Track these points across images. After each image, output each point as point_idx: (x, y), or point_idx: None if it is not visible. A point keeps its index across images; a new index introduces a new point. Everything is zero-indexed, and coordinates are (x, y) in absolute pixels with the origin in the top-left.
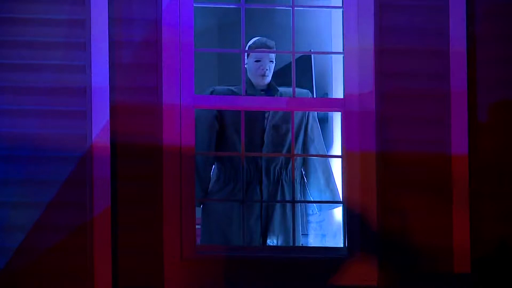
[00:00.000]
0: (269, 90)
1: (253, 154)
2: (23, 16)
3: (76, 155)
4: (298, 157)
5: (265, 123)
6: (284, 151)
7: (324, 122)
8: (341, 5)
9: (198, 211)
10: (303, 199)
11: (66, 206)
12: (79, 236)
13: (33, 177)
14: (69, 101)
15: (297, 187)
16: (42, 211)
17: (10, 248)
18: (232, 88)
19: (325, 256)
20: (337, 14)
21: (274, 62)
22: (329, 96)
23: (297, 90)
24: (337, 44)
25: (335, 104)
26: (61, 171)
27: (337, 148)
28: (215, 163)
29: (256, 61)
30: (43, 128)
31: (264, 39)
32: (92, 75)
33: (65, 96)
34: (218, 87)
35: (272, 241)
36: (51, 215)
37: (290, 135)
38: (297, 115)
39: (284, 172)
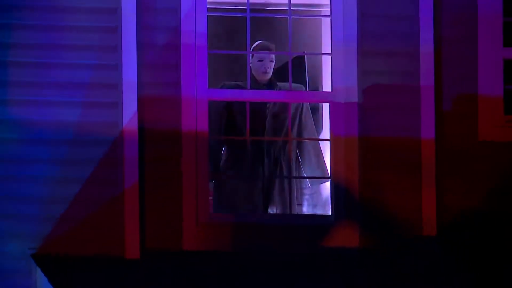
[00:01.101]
0: (270, 84)
1: (256, 138)
2: (67, 23)
3: (109, 139)
4: (294, 140)
5: (267, 112)
6: (282, 135)
7: (316, 111)
8: (329, 14)
9: (211, 185)
10: (298, 175)
11: (101, 181)
12: (112, 206)
13: (74, 157)
14: (104, 94)
15: (293, 165)
16: (81, 185)
17: (55, 217)
18: (239, 83)
19: (316, 222)
20: (326, 22)
21: (274, 61)
22: (320, 90)
23: (293, 84)
24: (326, 46)
25: (325, 97)
26: (97, 152)
27: (326, 133)
28: (225, 145)
29: (259, 60)
30: (83, 116)
31: (266, 42)
32: (123, 72)
33: (101, 90)
34: (227, 82)
35: (272, 210)
36: (88, 189)
37: (287, 122)
38: (293, 106)
39: (282, 153)
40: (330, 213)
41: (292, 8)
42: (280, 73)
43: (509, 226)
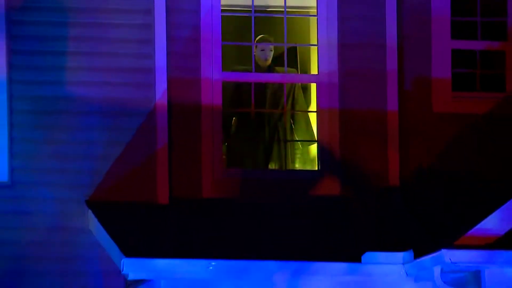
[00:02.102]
0: (270, 69)
1: (259, 110)
2: (112, 21)
3: (145, 111)
4: (288, 112)
5: (267, 90)
6: (279, 108)
7: (305, 90)
8: (316, 14)
9: (224, 147)
10: (291, 139)
11: (139, 143)
12: (148, 163)
13: (118, 125)
14: (141, 76)
15: (288, 131)
16: (124, 147)
17: (103, 171)
18: (246, 67)
19: (306, 176)
20: (314, 20)
21: (273, 51)
22: (308, 73)
23: (288, 69)
24: (314, 39)
25: (312, 79)
26: (136, 122)
27: (313, 106)
28: (235, 116)
29: (261, 50)
30: (125, 93)
31: (266, 36)
32: (155, 60)
33: (139, 73)
34: (236, 67)
35: (272, 166)
36: (129, 149)
37: (283, 98)
38: (288, 85)
39: (279, 122)
40: (317, 169)
41: (287, 10)
42: (278, 60)
43: (456, 180)
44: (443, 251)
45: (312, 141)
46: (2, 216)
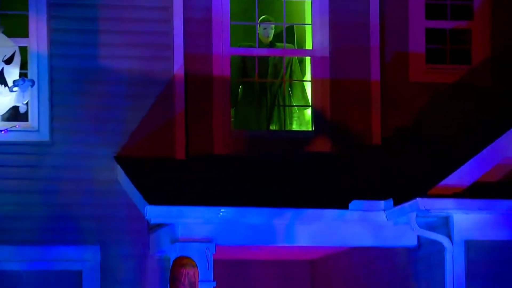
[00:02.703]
0: (271, 45)
1: (262, 80)
2: (137, 4)
3: (165, 81)
4: (287, 81)
5: (269, 63)
6: (279, 78)
7: (301, 62)
8: None
9: (232, 110)
10: (289, 104)
11: (160, 108)
12: (167, 125)
13: (142, 93)
14: (161, 51)
15: (286, 98)
16: (147, 111)
17: (129, 131)
18: (251, 43)
19: (302, 135)
20: (309, 3)
21: (273, 29)
22: (304, 48)
23: (286, 44)
24: (308, 19)
25: (307, 53)
26: (157, 89)
27: (308, 76)
28: (241, 85)
29: (264, 29)
30: (147, 66)
31: (268, 16)
32: (174, 37)
33: (160, 48)
34: (243, 43)
35: (273, 127)
36: (152, 113)
37: (282, 69)
38: (287, 58)
39: (279, 89)
40: (311, 129)
41: None
42: (278, 37)
43: (428, 140)
44: (418, 199)
45: (307, 106)
46: (44, 169)
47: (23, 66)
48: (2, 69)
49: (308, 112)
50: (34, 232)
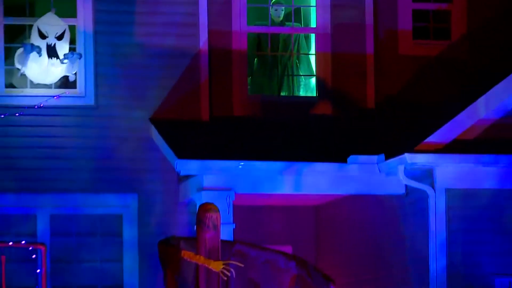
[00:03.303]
0: (281, 23)
1: (274, 53)
2: None
3: (192, 54)
4: (295, 54)
5: (279, 39)
6: (288, 51)
7: (307, 38)
8: None
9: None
10: (297, 74)
11: (188, 77)
12: (194, 91)
13: (173, 64)
14: (189, 28)
15: (294, 68)
16: (176, 80)
17: (163, 97)
18: (264, 22)
19: (307, 100)
20: None
21: (284, 10)
22: (309, 26)
23: (294, 23)
24: (313, 1)
25: (312, 30)
26: (185, 62)
27: (312, 50)
28: (256, 57)
29: (275, 10)
30: (176, 41)
31: None
32: (199, 17)
33: (187, 26)
34: (258, 22)
35: (283, 93)
36: (181, 82)
37: (291, 44)
38: (295, 35)
39: (288, 61)
40: (315, 95)
41: None
42: (287, 17)
43: (415, 104)
44: (406, 154)
45: (311, 75)
46: (90, 129)
47: (72, 41)
48: (54, 44)
49: (313, 80)
50: (83, 182)
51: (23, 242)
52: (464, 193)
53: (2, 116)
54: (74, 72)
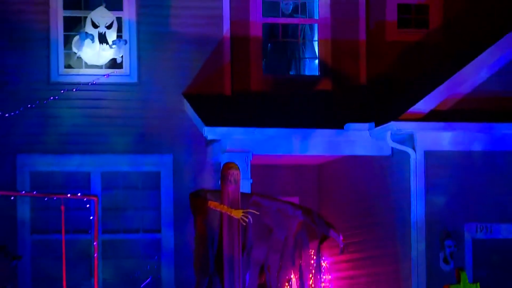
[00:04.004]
0: (290, 15)
1: (284, 40)
2: None
3: (216, 40)
4: (301, 40)
5: (288, 28)
6: (296, 37)
7: (312, 27)
8: None
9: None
10: (303, 57)
11: (213, 60)
12: (218, 71)
13: (201, 49)
14: (214, 19)
15: (300, 52)
16: (204, 61)
17: (192, 76)
18: (276, 14)
19: (311, 78)
20: None
21: (292, 4)
22: (313, 18)
23: (301, 15)
24: None
25: (315, 21)
26: (210, 47)
27: (316, 37)
28: (270, 43)
29: (285, 4)
30: (205, 30)
31: None
32: (223, 9)
33: (213, 18)
34: (271, 14)
35: (292, 73)
36: (208, 63)
37: (298, 32)
38: (301, 25)
39: (296, 46)
40: (318, 74)
41: None
42: (295, 10)
43: (399, 81)
44: (392, 122)
45: (315, 58)
46: (134, 102)
47: (119, 30)
48: (105, 32)
49: (316, 62)
50: (128, 145)
51: (79, 194)
52: (439, 154)
53: (62, 91)
54: (121, 55)
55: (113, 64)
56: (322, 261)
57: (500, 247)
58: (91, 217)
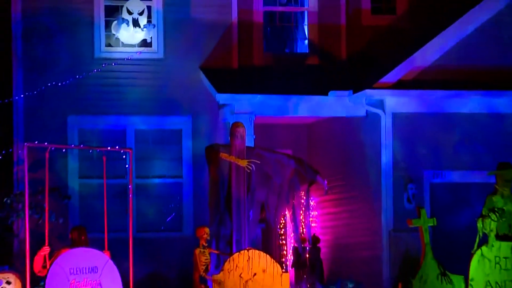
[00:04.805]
0: (285, 4)
1: (281, 24)
2: None
3: (227, 25)
4: (296, 24)
5: (284, 13)
6: (290, 23)
7: (302, 14)
8: None
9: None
10: (295, 37)
11: (224, 41)
12: (228, 48)
13: (214, 32)
14: (225, 8)
15: (294, 33)
16: (216, 41)
17: (208, 53)
18: (274, 4)
19: (302, 55)
20: None
21: None
22: (304, 6)
23: (294, 4)
24: None
25: (305, 9)
26: (221, 31)
27: (306, 22)
28: (269, 27)
29: None
30: (216, 17)
31: None
32: (231, 0)
33: (224, 6)
34: (270, 3)
35: (287, 51)
36: (220, 43)
37: (292, 17)
38: (295, 12)
39: (290, 28)
40: (308, 51)
41: None
42: (290, 2)
43: (372, 57)
44: (366, 90)
45: (305, 38)
46: (160, 73)
47: (149, 16)
48: (137, 18)
49: (306, 42)
50: (156, 108)
51: (117, 147)
52: (404, 115)
53: (103, 65)
54: (150, 36)
55: (144, 43)
56: (310, 201)
57: (451, 189)
58: (127, 166)
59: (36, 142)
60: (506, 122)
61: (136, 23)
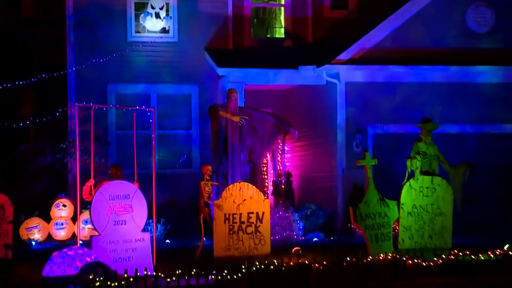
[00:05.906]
0: (268, 1)
1: (264, 17)
2: None
3: (224, 17)
4: (274, 18)
5: (267, 8)
6: (271, 16)
7: (280, 9)
8: None
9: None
10: (274, 26)
11: (222, 28)
12: (225, 33)
13: (215, 22)
14: (223, 3)
15: (273, 23)
16: (217, 28)
17: (211, 35)
18: (259, 1)
19: (280, 40)
20: None
21: None
22: (281, 3)
23: (274, 1)
24: None
25: (282, 5)
26: (221, 21)
27: (283, 15)
28: (255, 18)
29: None
30: (216, 11)
31: None
32: None
33: (221, 2)
34: (256, 0)
35: (268, 36)
36: (219, 30)
37: (271, 12)
38: (275, 7)
39: (271, 21)
40: (283, 37)
41: None
42: None
43: (332, 40)
44: (326, 65)
45: (281, 27)
46: (175, 53)
47: (167, 10)
48: (159, 12)
49: (282, 30)
50: (172, 78)
51: (143, 106)
52: (355, 84)
53: (134, 46)
54: (168, 25)
55: (163, 30)
56: (285, 146)
57: (388, 138)
58: (151, 120)
59: (84, 103)
60: (432, 89)
61: (157, 15)
